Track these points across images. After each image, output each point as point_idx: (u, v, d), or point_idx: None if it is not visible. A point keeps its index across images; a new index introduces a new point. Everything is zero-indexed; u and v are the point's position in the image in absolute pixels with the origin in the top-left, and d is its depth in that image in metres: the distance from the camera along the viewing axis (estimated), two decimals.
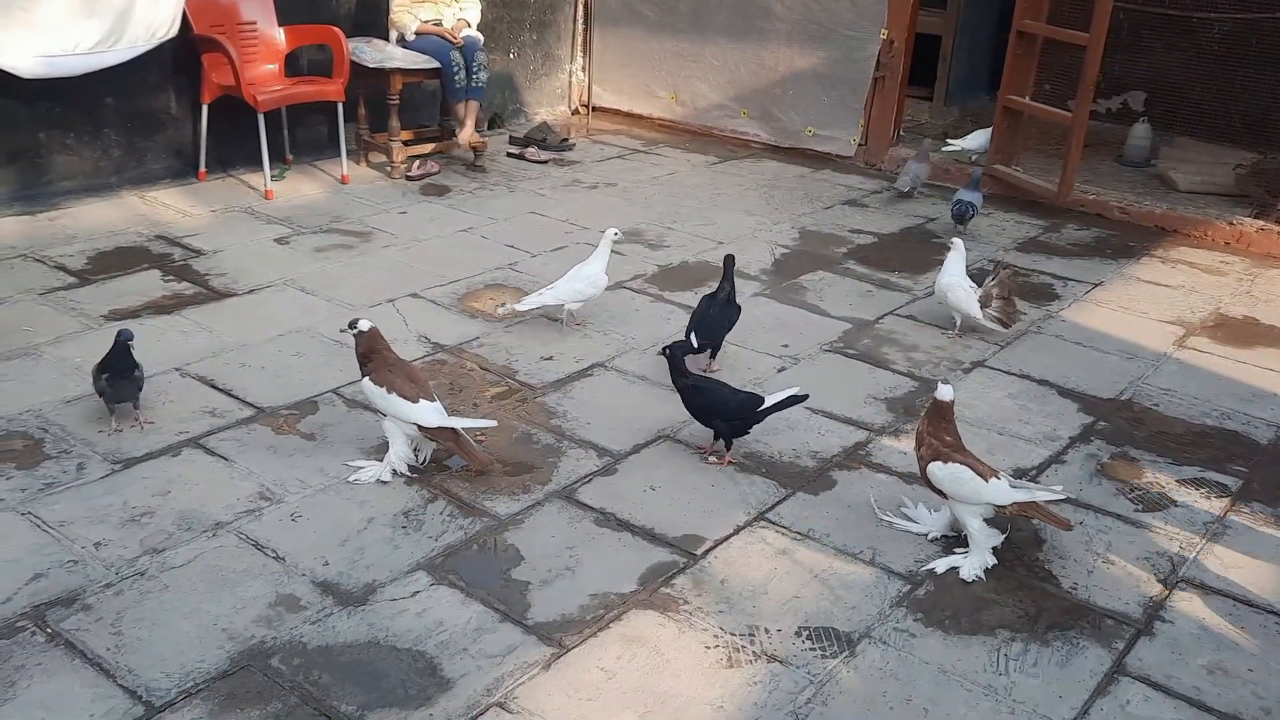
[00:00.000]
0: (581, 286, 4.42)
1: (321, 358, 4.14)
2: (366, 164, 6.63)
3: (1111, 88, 8.13)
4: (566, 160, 7.10)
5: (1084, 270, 5.56)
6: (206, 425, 3.62)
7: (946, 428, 3.14)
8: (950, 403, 3.15)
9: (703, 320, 4.14)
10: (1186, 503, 3.49)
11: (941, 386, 3.17)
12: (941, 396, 3.16)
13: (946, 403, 3.15)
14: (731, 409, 3.50)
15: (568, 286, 4.40)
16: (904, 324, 4.78)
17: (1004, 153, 6.75)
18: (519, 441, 3.64)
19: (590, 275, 4.44)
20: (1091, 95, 6.20)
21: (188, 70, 5.84)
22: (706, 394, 3.53)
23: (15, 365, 3.94)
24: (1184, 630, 2.89)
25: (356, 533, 3.10)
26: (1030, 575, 3.09)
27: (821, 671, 2.67)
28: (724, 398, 3.53)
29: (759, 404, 3.50)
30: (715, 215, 6.12)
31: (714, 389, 3.57)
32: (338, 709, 2.47)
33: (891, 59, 6.99)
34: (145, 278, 4.79)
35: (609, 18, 8.08)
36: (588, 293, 4.43)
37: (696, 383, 3.57)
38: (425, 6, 6.46)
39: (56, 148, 5.54)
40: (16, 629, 2.65)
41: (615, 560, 3.05)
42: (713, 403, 3.51)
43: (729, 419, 3.50)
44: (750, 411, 3.50)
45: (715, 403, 3.51)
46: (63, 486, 3.23)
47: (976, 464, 3.07)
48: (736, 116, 7.74)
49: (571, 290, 4.40)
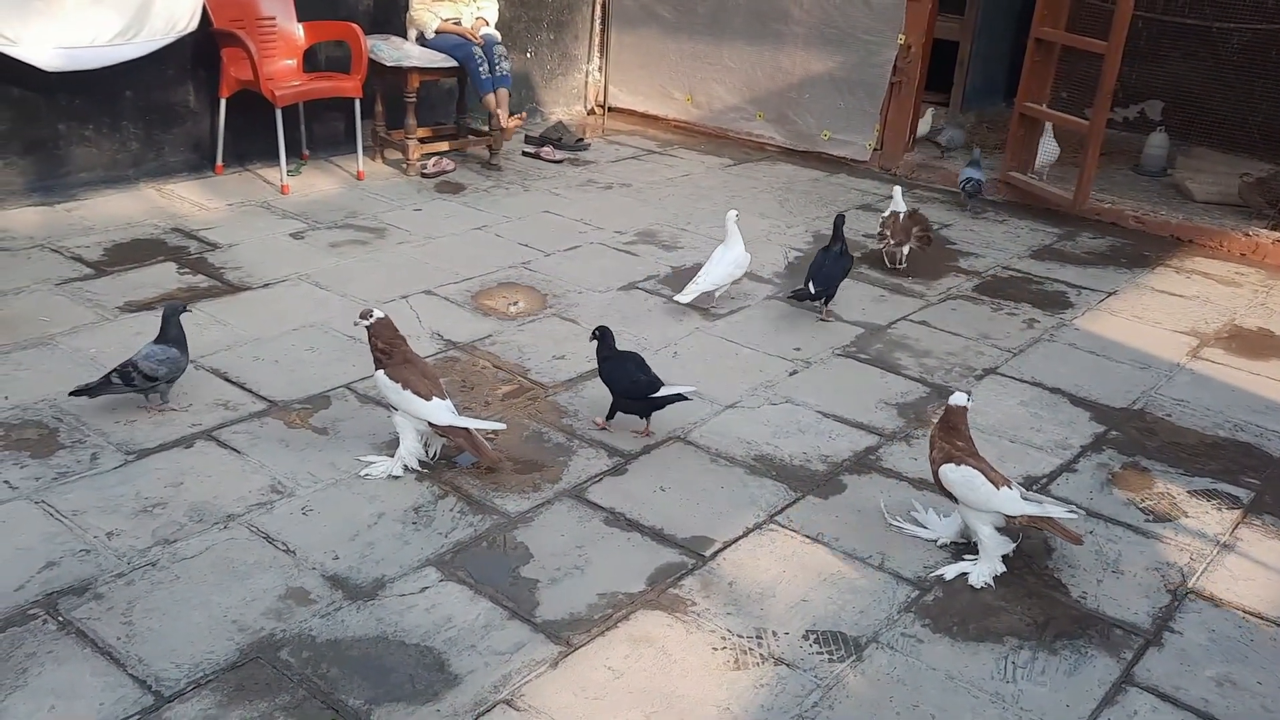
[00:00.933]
0: (733, 270, 4.72)
1: (334, 352, 4.16)
2: (382, 160, 6.66)
3: (1129, 96, 8.11)
4: (581, 160, 7.11)
5: (1098, 279, 5.55)
6: (219, 418, 3.64)
7: (960, 434, 3.14)
8: (963, 409, 3.15)
9: (820, 270, 4.68)
10: (1197, 514, 3.48)
11: (956, 394, 3.17)
12: (955, 403, 3.15)
13: (959, 409, 3.15)
14: (625, 386, 3.63)
15: (720, 271, 4.68)
16: (917, 329, 4.77)
17: (1019, 160, 6.74)
18: (530, 440, 3.65)
19: (736, 258, 4.73)
20: (1109, 104, 6.18)
21: (207, 64, 5.87)
22: (612, 368, 3.66)
23: (31, 354, 3.97)
24: (1193, 641, 2.88)
25: (367, 527, 3.12)
26: (1039, 583, 3.08)
27: (828, 675, 2.67)
28: (625, 374, 3.64)
29: (653, 390, 3.61)
30: None
31: (621, 366, 3.66)
32: (345, 703, 2.48)
33: (908, 64, 6.99)
34: (161, 270, 4.82)
35: (626, 18, 8.09)
36: (738, 274, 4.75)
37: (608, 355, 3.68)
38: (445, 5, 6.48)
39: (75, 139, 5.58)
40: (29, 616, 2.67)
41: (624, 560, 3.06)
42: (613, 378, 3.66)
43: (626, 395, 3.64)
44: (642, 393, 3.61)
45: (615, 378, 3.66)
46: (76, 476, 3.25)
47: (989, 471, 3.07)
48: (752, 119, 7.74)
49: (724, 274, 4.69)
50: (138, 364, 3.54)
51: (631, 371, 3.64)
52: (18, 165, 5.39)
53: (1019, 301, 5.18)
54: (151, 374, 3.55)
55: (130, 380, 3.53)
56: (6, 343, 4.03)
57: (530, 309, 4.70)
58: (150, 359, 3.56)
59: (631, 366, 3.65)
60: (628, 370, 3.64)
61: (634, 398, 3.63)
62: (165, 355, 3.58)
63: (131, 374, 3.53)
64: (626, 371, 3.64)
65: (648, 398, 3.62)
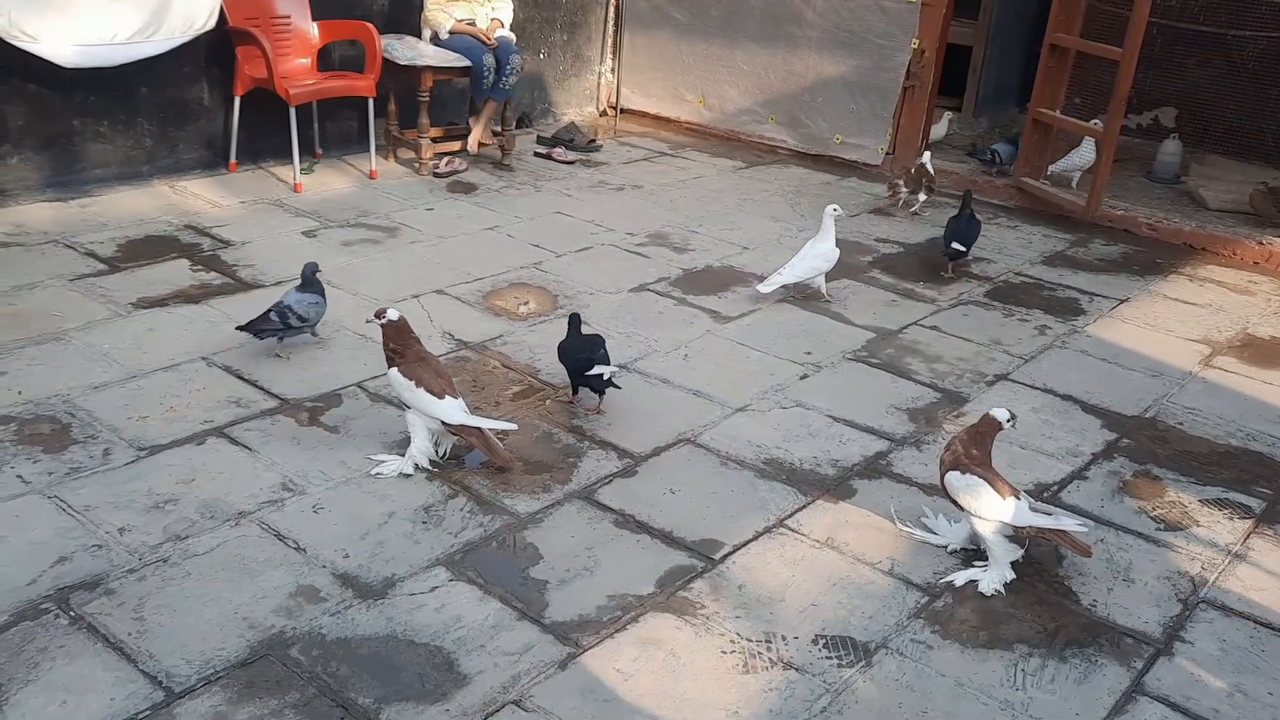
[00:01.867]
0: (818, 263, 4.84)
1: (346, 351, 4.17)
2: (395, 160, 6.67)
3: (1143, 103, 8.09)
4: (593, 161, 7.12)
5: (1110, 286, 5.53)
6: (231, 415, 3.65)
7: (982, 446, 3.12)
8: (998, 425, 3.12)
9: (957, 229, 5.13)
10: (1209, 523, 3.47)
11: (999, 409, 3.15)
12: (995, 415, 3.13)
13: (995, 423, 3.12)
14: (567, 359, 3.81)
15: (804, 264, 4.81)
16: (928, 334, 4.77)
17: (1032, 165, 6.73)
18: (539, 440, 3.65)
19: (824, 251, 4.85)
20: (1123, 110, 6.17)
21: (221, 62, 5.89)
22: (565, 343, 3.84)
23: (45, 350, 3.98)
24: (1204, 651, 2.87)
25: (377, 526, 3.12)
26: (1050, 591, 3.07)
27: (837, 680, 2.66)
28: (568, 350, 3.81)
29: (585, 368, 3.75)
30: (740, 220, 6.12)
31: (571, 343, 3.82)
32: (355, 701, 2.48)
33: (922, 69, 6.98)
34: (174, 267, 4.83)
35: (639, 20, 8.10)
36: (824, 268, 4.86)
37: (577, 332, 3.84)
38: (459, 5, 6.49)
39: (90, 135, 5.60)
40: (41, 611, 2.68)
41: (633, 562, 3.06)
42: (562, 351, 3.84)
43: (569, 369, 3.82)
44: (579, 370, 3.78)
45: (563, 351, 3.83)
46: (89, 471, 3.27)
47: (996, 481, 3.06)
48: (764, 122, 7.74)
49: (808, 268, 4.81)
50: (291, 307, 3.99)
51: (571, 350, 3.81)
52: (33, 161, 5.41)
53: (1031, 308, 5.17)
54: (304, 315, 4.01)
55: (285, 319, 3.97)
56: (20, 338, 4.05)
57: (541, 309, 4.70)
58: (301, 303, 4.02)
59: (572, 345, 3.82)
60: (569, 347, 3.82)
61: (577, 372, 3.81)
62: (314, 300, 4.06)
63: (286, 314, 3.97)
64: (569, 349, 3.82)
65: (583, 374, 3.79)
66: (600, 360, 3.75)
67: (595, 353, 3.78)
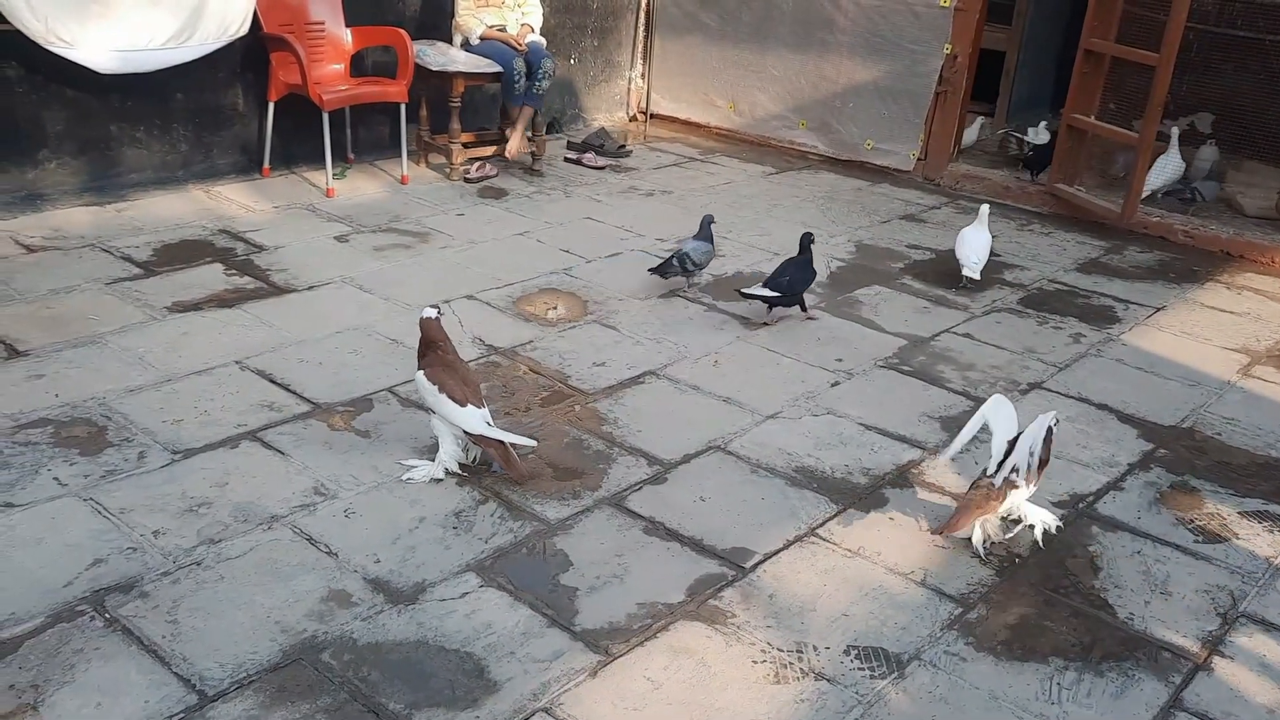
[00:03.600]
0: (982, 251, 5.32)
1: (378, 356, 4.18)
2: (426, 165, 6.70)
3: (1179, 108, 7.99)
4: (623, 167, 7.12)
5: (1146, 293, 5.47)
6: (264, 419, 3.67)
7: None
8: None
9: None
10: (1248, 535, 3.41)
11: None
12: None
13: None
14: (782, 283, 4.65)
15: (973, 253, 5.28)
16: (960, 342, 4.73)
17: (1066, 172, 6.66)
18: (569, 447, 3.65)
19: (988, 239, 5.35)
20: (1159, 116, 6.10)
21: (256, 68, 5.94)
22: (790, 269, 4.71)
23: (81, 353, 4.03)
24: (1244, 667, 2.82)
25: (408, 531, 3.13)
26: (1085, 603, 3.04)
27: (870, 692, 2.64)
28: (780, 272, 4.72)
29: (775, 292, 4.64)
30: (771, 226, 6.10)
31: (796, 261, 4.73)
32: (386, 706, 2.49)
33: (954, 74, 6.93)
34: (208, 271, 4.87)
35: (670, 26, 8.10)
36: (985, 254, 5.35)
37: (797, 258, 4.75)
38: (490, 11, 6.51)
39: (127, 140, 5.66)
40: (77, 613, 2.70)
41: (664, 570, 3.05)
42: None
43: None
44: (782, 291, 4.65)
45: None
46: (124, 474, 3.30)
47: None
48: (795, 127, 7.72)
49: (977, 256, 5.28)
50: (689, 254, 4.87)
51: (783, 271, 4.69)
52: (71, 165, 5.48)
53: (1065, 315, 5.12)
54: (698, 261, 4.89)
55: (684, 264, 4.86)
56: (57, 341, 4.09)
57: (571, 315, 4.70)
58: (696, 250, 4.89)
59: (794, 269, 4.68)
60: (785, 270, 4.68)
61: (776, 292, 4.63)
62: (707, 249, 4.94)
63: (685, 260, 4.86)
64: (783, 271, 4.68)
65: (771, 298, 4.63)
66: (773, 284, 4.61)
67: (790, 274, 4.64)
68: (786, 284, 4.64)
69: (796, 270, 4.71)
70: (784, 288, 4.64)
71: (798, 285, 4.70)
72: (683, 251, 4.87)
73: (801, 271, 4.72)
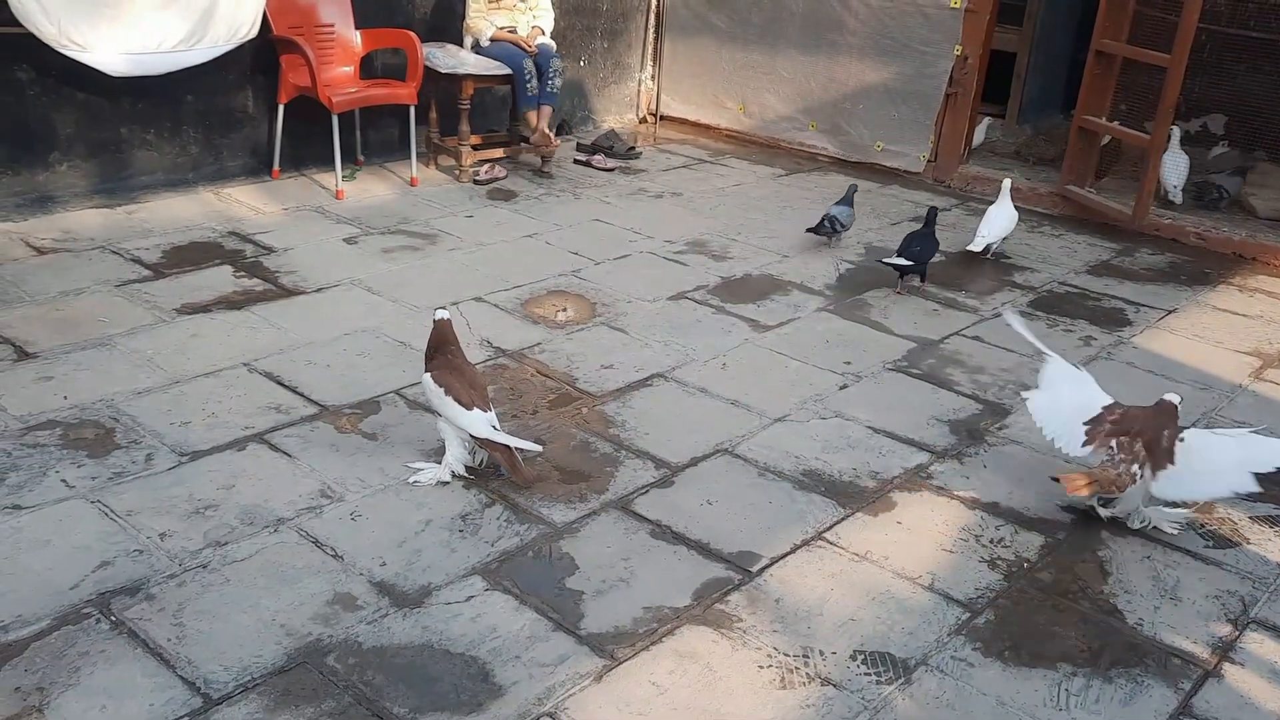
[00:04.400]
0: (1007, 225, 5.70)
1: (386, 358, 4.18)
2: (435, 167, 6.71)
3: (1191, 110, 7.94)
4: (633, 168, 7.11)
5: (1157, 296, 5.44)
6: (271, 421, 3.68)
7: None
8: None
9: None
10: (1259, 540, 3.39)
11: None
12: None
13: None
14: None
15: (997, 226, 5.64)
16: (970, 345, 4.70)
17: (1077, 173, 6.63)
18: (577, 449, 3.64)
19: (1011, 214, 5.73)
20: (1171, 117, 6.07)
21: (265, 70, 5.95)
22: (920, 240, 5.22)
23: (90, 355, 4.04)
24: (1255, 674, 2.80)
25: (414, 534, 3.13)
26: (1094, 608, 3.02)
27: (876, 698, 2.63)
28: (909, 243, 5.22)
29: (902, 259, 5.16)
30: (780, 228, 6.08)
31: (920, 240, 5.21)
32: (390, 710, 2.48)
33: (965, 75, 6.90)
34: (217, 273, 4.88)
35: (680, 28, 8.09)
36: (1010, 228, 5.73)
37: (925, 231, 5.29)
38: (500, 13, 6.52)
39: (137, 143, 5.68)
40: (83, 615, 2.71)
41: (670, 574, 3.04)
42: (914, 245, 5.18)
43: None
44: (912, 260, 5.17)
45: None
46: (131, 476, 3.30)
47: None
48: (804, 129, 7.70)
49: (1000, 229, 5.66)
50: (836, 217, 5.59)
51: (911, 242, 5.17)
52: (81, 168, 5.50)
53: (1075, 318, 5.09)
54: (844, 223, 5.63)
55: (833, 225, 5.59)
56: (67, 343, 4.11)
57: (579, 317, 4.70)
58: (842, 214, 5.63)
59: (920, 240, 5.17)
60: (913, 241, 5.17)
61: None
62: (849, 213, 5.68)
63: (834, 222, 5.58)
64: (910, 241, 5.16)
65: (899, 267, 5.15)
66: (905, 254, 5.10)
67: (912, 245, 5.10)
68: (918, 253, 5.14)
69: (924, 241, 5.21)
70: (916, 256, 5.13)
71: (927, 254, 5.20)
72: (831, 214, 5.61)
73: (927, 242, 5.23)
